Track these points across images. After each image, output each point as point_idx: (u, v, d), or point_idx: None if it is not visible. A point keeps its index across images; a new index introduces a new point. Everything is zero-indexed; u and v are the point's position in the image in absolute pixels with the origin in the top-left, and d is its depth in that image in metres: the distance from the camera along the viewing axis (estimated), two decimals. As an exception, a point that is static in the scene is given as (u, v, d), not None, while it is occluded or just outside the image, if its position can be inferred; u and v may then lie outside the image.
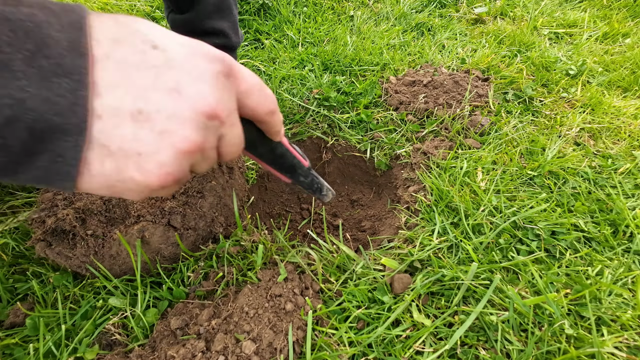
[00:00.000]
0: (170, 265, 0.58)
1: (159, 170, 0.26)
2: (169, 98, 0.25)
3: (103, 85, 0.23)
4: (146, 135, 0.25)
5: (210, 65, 0.27)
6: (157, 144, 0.25)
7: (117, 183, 0.26)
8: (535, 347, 0.46)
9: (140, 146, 0.25)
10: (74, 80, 0.22)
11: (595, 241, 0.59)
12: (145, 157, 0.25)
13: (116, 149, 0.24)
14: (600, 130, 0.82)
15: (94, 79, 0.23)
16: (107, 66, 0.23)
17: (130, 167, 0.25)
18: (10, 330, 0.50)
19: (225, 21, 0.85)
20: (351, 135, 0.84)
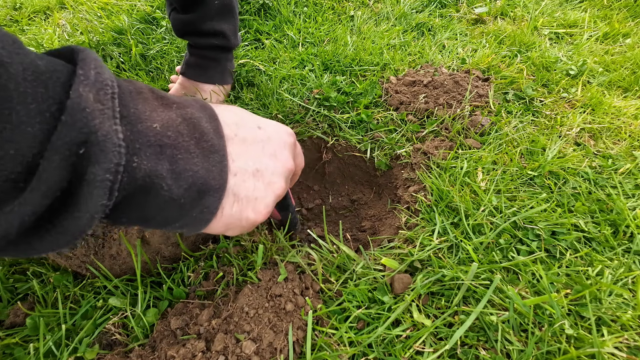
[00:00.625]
0: (170, 265, 0.58)
1: (265, 210, 0.36)
2: (271, 161, 0.36)
3: (234, 154, 0.33)
4: (261, 185, 0.35)
5: (289, 138, 0.40)
6: (266, 192, 0.36)
7: (235, 221, 0.34)
8: (535, 347, 0.46)
9: (258, 193, 0.35)
10: (220, 154, 0.31)
11: (596, 241, 0.59)
12: (259, 201, 0.35)
13: (243, 196, 0.34)
14: (601, 131, 0.82)
15: (229, 151, 0.33)
16: (235, 142, 0.34)
17: (249, 209, 0.35)
18: (11, 330, 0.50)
19: (227, 24, 0.85)
20: (351, 135, 0.84)
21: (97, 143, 0.22)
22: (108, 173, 0.23)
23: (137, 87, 0.28)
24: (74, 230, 0.23)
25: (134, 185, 0.25)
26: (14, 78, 0.20)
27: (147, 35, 1.18)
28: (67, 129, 0.21)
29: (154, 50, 1.10)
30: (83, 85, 0.22)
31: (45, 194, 0.21)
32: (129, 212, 0.27)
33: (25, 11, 1.52)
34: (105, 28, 1.21)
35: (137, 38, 1.15)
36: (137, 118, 0.26)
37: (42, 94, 0.21)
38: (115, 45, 1.15)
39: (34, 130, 0.20)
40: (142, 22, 1.23)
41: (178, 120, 0.29)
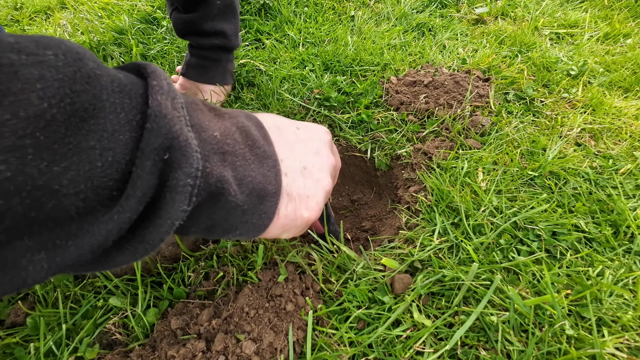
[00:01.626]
0: (170, 265, 0.58)
1: (317, 207, 0.36)
2: (315, 158, 0.37)
3: (282, 155, 0.34)
4: (310, 183, 0.36)
5: (327, 136, 0.41)
6: (316, 189, 0.36)
7: (290, 222, 0.35)
8: (535, 348, 0.46)
9: (308, 191, 0.36)
10: (272, 159, 0.32)
11: (596, 242, 0.59)
12: (311, 199, 0.36)
13: (295, 195, 0.34)
14: (601, 131, 0.82)
15: (277, 153, 0.33)
16: (281, 144, 0.35)
17: (302, 207, 0.35)
18: (11, 330, 0.50)
19: (228, 24, 0.85)
20: (352, 136, 0.84)
21: (180, 148, 0.23)
22: (189, 178, 0.23)
23: (191, 100, 0.28)
24: (153, 239, 0.23)
25: (207, 191, 0.26)
26: (105, 89, 0.21)
27: (147, 35, 1.18)
28: (154, 136, 0.22)
29: (155, 50, 1.10)
30: (160, 94, 0.23)
31: (140, 200, 0.22)
32: (198, 221, 0.28)
33: (26, 11, 1.52)
34: (105, 28, 1.21)
35: (137, 38, 1.15)
36: (201, 127, 0.26)
37: (128, 104, 0.22)
38: (116, 45, 1.15)
39: (125, 138, 0.21)
40: (143, 22, 1.23)
41: (233, 129, 0.30)
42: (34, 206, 0.18)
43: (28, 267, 0.19)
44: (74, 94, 0.19)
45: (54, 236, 0.20)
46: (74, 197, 0.20)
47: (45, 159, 0.18)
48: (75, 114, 0.19)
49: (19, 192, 0.17)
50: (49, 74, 0.18)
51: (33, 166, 0.17)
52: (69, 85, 0.19)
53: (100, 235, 0.21)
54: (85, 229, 0.21)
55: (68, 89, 0.19)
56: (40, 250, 0.20)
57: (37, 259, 0.20)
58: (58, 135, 0.18)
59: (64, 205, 0.19)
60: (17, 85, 0.17)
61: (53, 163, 0.18)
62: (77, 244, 0.21)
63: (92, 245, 0.21)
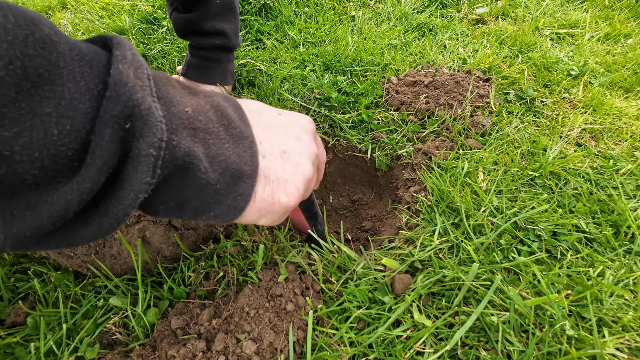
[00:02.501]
0: (171, 265, 0.58)
1: (296, 192, 0.35)
2: (296, 143, 0.36)
3: (260, 138, 0.34)
4: (289, 167, 0.35)
5: (310, 125, 0.40)
6: (294, 173, 0.35)
7: (267, 206, 0.34)
8: (536, 348, 0.46)
9: (287, 175, 0.35)
10: (249, 140, 0.32)
11: (597, 242, 0.59)
12: (290, 183, 0.35)
13: (273, 178, 0.34)
14: (602, 131, 0.81)
15: (255, 135, 0.33)
16: (260, 127, 0.34)
17: (280, 190, 0.34)
18: (12, 329, 0.50)
19: (228, 23, 0.85)
20: (352, 136, 0.84)
21: (141, 117, 0.22)
22: (152, 148, 0.22)
23: (164, 75, 0.28)
24: (117, 213, 0.23)
25: (174, 164, 0.25)
26: (63, 56, 0.20)
27: (148, 35, 1.18)
28: (113, 103, 0.21)
29: (155, 50, 1.10)
30: (122, 63, 0.22)
31: (100, 170, 0.21)
32: (167, 198, 0.27)
33: (26, 11, 1.52)
34: (106, 28, 1.21)
35: (138, 38, 1.15)
36: (170, 101, 0.26)
37: (89, 73, 0.21)
38: (117, 45, 1.15)
39: (85, 107, 0.21)
40: (143, 22, 1.23)
41: (207, 107, 0.29)
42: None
43: None
44: (25, 57, 0.18)
45: (11, 205, 0.20)
46: (28, 165, 0.19)
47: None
48: (27, 79, 0.18)
49: None
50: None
51: None
52: (20, 48, 0.18)
53: (59, 205, 0.21)
54: (44, 199, 0.20)
55: (19, 52, 0.18)
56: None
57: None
58: (7, 99, 0.18)
59: (18, 173, 0.19)
60: None
61: (2, 127, 0.18)
62: (35, 213, 0.20)
63: (52, 216, 0.21)
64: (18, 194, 0.20)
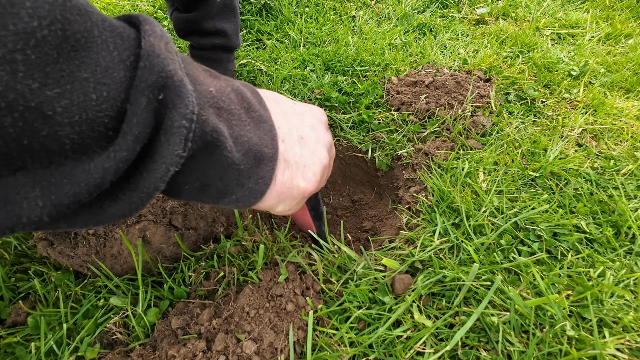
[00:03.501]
0: (171, 264, 0.58)
1: (314, 178, 0.36)
2: (312, 131, 0.37)
3: (278, 123, 0.34)
4: (307, 152, 0.36)
5: (323, 116, 0.42)
6: (312, 159, 0.36)
7: (287, 191, 0.34)
8: (536, 349, 0.46)
9: (305, 160, 0.35)
10: (269, 124, 0.32)
11: (597, 242, 0.59)
12: (308, 168, 0.36)
13: (293, 162, 0.34)
14: (603, 132, 0.81)
15: (274, 121, 0.33)
16: (277, 113, 0.35)
17: (299, 175, 0.35)
18: (12, 329, 0.50)
19: (228, 23, 0.85)
20: (352, 136, 0.84)
21: (174, 88, 0.22)
22: (184, 119, 0.23)
23: (187, 57, 0.28)
24: (147, 186, 0.23)
25: (203, 140, 0.25)
26: (97, 26, 0.20)
27: (148, 35, 1.18)
28: (148, 73, 0.21)
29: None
30: (153, 37, 0.23)
31: (137, 138, 0.21)
32: (192, 176, 0.27)
33: (27, 11, 1.52)
34: (107, 28, 1.21)
35: (139, 38, 1.15)
36: (196, 80, 0.26)
37: (120, 44, 0.21)
38: (117, 45, 1.15)
39: (120, 76, 0.21)
40: (144, 22, 1.23)
41: (228, 89, 0.29)
42: (27, 131, 0.18)
43: (22, 204, 0.19)
44: (65, 20, 0.18)
45: (48, 174, 0.19)
46: (68, 128, 0.19)
47: (37, 79, 0.17)
48: (67, 41, 0.18)
49: (11, 111, 0.17)
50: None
51: (24, 84, 0.17)
52: (59, 11, 0.18)
53: (97, 173, 0.21)
54: (81, 168, 0.20)
55: (59, 14, 0.18)
56: (34, 187, 0.19)
57: (32, 195, 0.19)
58: (50, 59, 0.18)
59: (58, 136, 0.19)
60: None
61: (46, 86, 0.18)
62: (73, 181, 0.20)
63: (89, 184, 0.21)
64: (55, 162, 0.20)
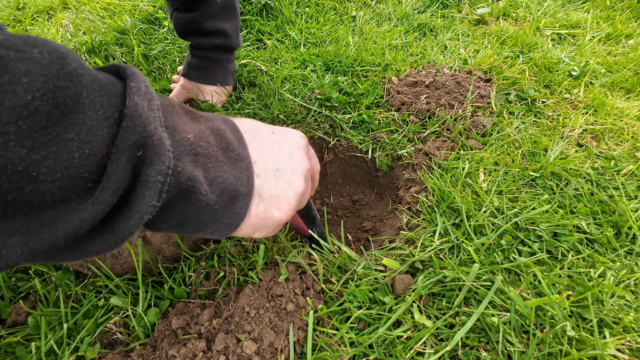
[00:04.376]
0: (171, 264, 0.58)
1: (288, 207, 0.37)
2: (289, 160, 0.38)
3: (255, 157, 0.35)
4: (282, 184, 0.37)
5: (302, 140, 0.42)
6: (287, 189, 0.37)
7: (261, 222, 0.36)
8: (536, 349, 0.46)
9: (280, 191, 0.37)
10: (246, 162, 0.34)
11: (598, 243, 0.59)
12: (282, 199, 0.37)
13: (267, 196, 0.36)
14: (603, 132, 0.81)
15: (250, 155, 0.35)
16: (254, 146, 0.36)
17: (273, 207, 0.36)
18: (13, 329, 0.50)
19: (228, 23, 0.85)
20: (353, 136, 0.84)
21: (153, 146, 0.24)
22: (160, 175, 0.25)
23: (168, 102, 0.30)
24: (123, 231, 0.25)
25: (178, 189, 0.27)
26: (86, 88, 0.22)
27: (149, 35, 1.18)
28: (129, 133, 0.23)
29: (156, 50, 1.10)
30: (137, 95, 0.25)
31: (114, 193, 0.23)
32: (169, 217, 0.29)
33: (28, 11, 1.53)
34: (107, 28, 1.21)
35: (139, 38, 1.15)
36: (175, 129, 0.28)
37: (107, 102, 0.23)
38: (118, 45, 1.15)
39: (103, 134, 0.23)
40: (145, 22, 1.23)
41: (207, 132, 0.31)
42: (12, 189, 0.20)
43: (1, 251, 0.21)
44: (57, 89, 0.20)
45: (27, 222, 0.22)
46: (50, 184, 0.21)
47: (26, 146, 0.19)
48: (57, 107, 0.21)
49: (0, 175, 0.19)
50: (34, 70, 0.19)
51: (14, 152, 0.19)
52: (53, 81, 0.20)
53: (75, 224, 0.23)
54: (60, 217, 0.22)
55: (52, 84, 0.20)
56: (14, 235, 0.21)
57: (12, 243, 0.21)
58: (39, 126, 0.20)
59: (40, 191, 0.21)
60: (4, 77, 0.18)
61: (33, 151, 0.20)
62: (51, 230, 0.22)
63: (66, 233, 0.23)
64: (35, 211, 0.21)
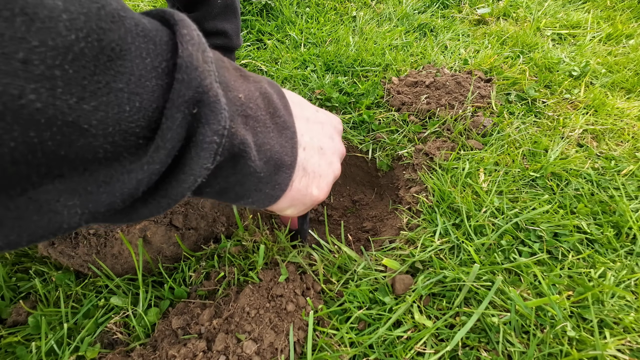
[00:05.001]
0: (171, 264, 0.58)
1: (326, 188, 0.37)
2: (330, 141, 0.38)
3: (300, 131, 0.34)
4: (324, 163, 0.36)
5: (340, 126, 0.42)
6: (327, 170, 0.37)
7: (300, 197, 0.35)
8: (537, 349, 0.46)
9: (322, 170, 0.36)
10: (291, 131, 0.32)
11: (598, 243, 0.59)
12: (323, 179, 0.36)
13: (310, 171, 0.35)
14: (604, 132, 0.81)
15: (296, 127, 0.33)
16: (300, 119, 0.35)
17: (314, 184, 0.35)
18: (13, 329, 0.50)
19: (229, 23, 0.85)
20: (353, 136, 0.84)
21: (209, 104, 0.22)
22: (216, 135, 0.23)
23: (218, 55, 0.27)
24: (176, 194, 0.23)
25: (230, 152, 0.25)
26: (130, 32, 0.20)
27: (149, 35, 1.18)
28: (185, 87, 0.21)
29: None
30: (191, 44, 0.22)
31: (169, 153, 0.22)
32: (215, 182, 0.27)
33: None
34: (108, 28, 1.21)
35: (139, 38, 1.15)
36: (227, 86, 0.26)
37: (153, 50, 0.21)
38: (118, 45, 1.15)
39: (152, 85, 0.21)
40: (145, 22, 1.23)
41: (256, 93, 0.29)
42: (64, 143, 0.18)
43: (63, 212, 0.20)
44: (101, 30, 0.18)
45: (84, 182, 0.20)
46: (102, 139, 0.19)
47: (75, 94, 0.18)
48: (103, 52, 0.18)
49: (50, 127, 0.17)
50: (73, 7, 0.17)
51: (63, 100, 0.17)
52: (95, 20, 0.18)
53: (131, 184, 0.21)
54: (116, 178, 0.21)
55: (94, 24, 0.18)
56: (73, 196, 0.20)
57: (71, 204, 0.20)
58: (87, 72, 0.18)
59: (92, 147, 0.19)
60: (43, 12, 0.16)
61: (83, 100, 0.18)
62: (109, 191, 0.21)
63: (123, 194, 0.21)
64: (89, 169, 0.20)
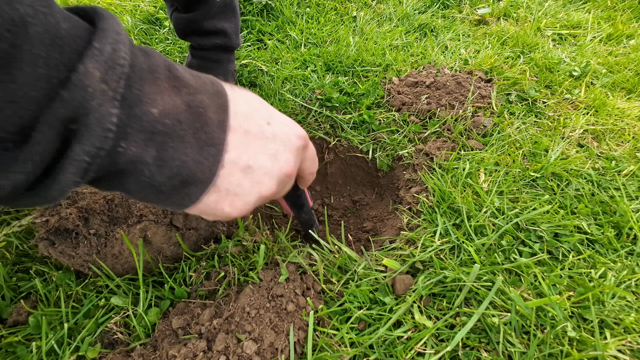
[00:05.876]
0: (172, 264, 0.58)
1: (243, 207, 0.35)
2: (269, 160, 0.34)
3: (231, 145, 0.32)
4: (247, 182, 0.33)
5: (297, 141, 0.37)
6: (250, 190, 0.34)
7: (209, 210, 0.34)
8: (537, 350, 0.46)
9: (239, 190, 0.33)
10: (218, 148, 0.30)
11: (599, 243, 0.59)
12: (239, 198, 0.34)
13: (223, 189, 0.32)
14: (604, 132, 0.81)
15: (227, 141, 0.31)
16: (237, 132, 0.32)
17: (226, 202, 0.33)
18: (13, 328, 0.50)
19: (228, 22, 0.85)
20: (353, 136, 0.84)
21: (87, 125, 0.22)
22: (87, 155, 0.23)
23: (151, 65, 0.26)
24: (47, 196, 0.24)
25: (114, 169, 0.26)
26: (31, 40, 0.20)
27: (150, 35, 1.18)
28: (64, 107, 0.21)
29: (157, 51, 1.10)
30: (94, 61, 0.22)
31: (39, 164, 0.22)
32: (110, 187, 0.28)
33: (29, 11, 1.53)
34: (108, 28, 1.21)
35: (140, 38, 1.16)
36: (138, 100, 0.25)
37: (56, 59, 0.21)
38: (119, 45, 1.15)
39: (37, 95, 0.21)
40: (145, 22, 1.24)
41: (182, 107, 0.28)
42: None
43: None
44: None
45: None
46: None
47: None
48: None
49: None
50: None
51: None
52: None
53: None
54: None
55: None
56: None
57: None
58: None
59: None
60: None
61: None
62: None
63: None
64: None
